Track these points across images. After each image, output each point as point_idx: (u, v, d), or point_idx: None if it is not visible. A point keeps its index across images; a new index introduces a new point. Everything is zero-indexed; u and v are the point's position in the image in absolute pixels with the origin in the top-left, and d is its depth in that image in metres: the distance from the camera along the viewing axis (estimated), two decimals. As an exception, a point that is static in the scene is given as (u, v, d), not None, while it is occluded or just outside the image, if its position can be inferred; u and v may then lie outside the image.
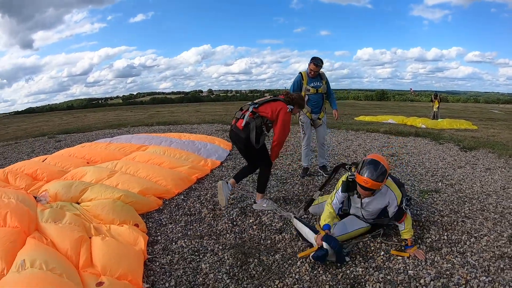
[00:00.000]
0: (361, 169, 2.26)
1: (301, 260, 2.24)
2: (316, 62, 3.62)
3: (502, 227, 2.74)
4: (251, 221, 2.83)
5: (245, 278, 2.07)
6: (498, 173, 4.33)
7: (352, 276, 2.09)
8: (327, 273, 2.11)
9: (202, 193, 3.53)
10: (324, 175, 4.07)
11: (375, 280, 2.05)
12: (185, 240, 2.54)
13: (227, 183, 2.99)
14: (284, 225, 2.74)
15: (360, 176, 2.24)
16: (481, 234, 2.62)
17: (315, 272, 2.12)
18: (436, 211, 3.07)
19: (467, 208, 3.13)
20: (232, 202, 3.25)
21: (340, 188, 2.47)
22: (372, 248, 2.40)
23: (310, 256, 2.19)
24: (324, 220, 2.37)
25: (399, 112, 17.50)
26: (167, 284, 2.03)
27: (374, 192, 2.34)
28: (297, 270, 2.14)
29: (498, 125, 12.97)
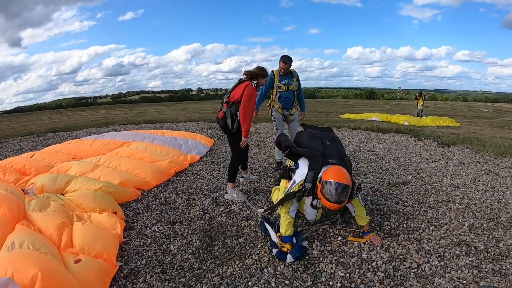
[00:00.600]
0: (324, 190, 2.19)
1: (261, 243, 2.51)
2: (284, 59, 3.89)
3: (465, 217, 2.93)
4: (221, 209, 3.10)
5: (209, 258, 2.33)
6: (472, 167, 4.59)
7: (307, 257, 2.32)
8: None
9: (179, 185, 3.79)
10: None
11: (328, 261, 2.26)
12: (158, 226, 2.80)
13: (243, 177, 3.77)
14: (251, 213, 3.01)
15: (325, 200, 2.20)
16: (441, 223, 2.79)
17: (273, 254, 2.37)
18: (400, 201, 3.28)
19: (432, 199, 3.33)
20: (205, 193, 3.51)
21: (296, 199, 2.40)
22: (331, 234, 2.62)
23: (274, 253, 2.35)
24: (285, 230, 2.42)
25: (387, 110, 17.97)
26: (138, 263, 2.28)
27: None
28: (257, 252, 2.40)
29: (482, 122, 13.42)
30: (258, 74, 3.32)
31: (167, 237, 2.61)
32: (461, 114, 20.13)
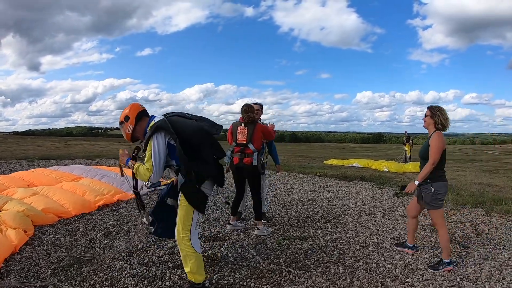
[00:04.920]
0: None
1: (106, 271, 3.38)
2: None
3: (333, 282, 2.98)
4: (106, 241, 4.05)
5: (62, 275, 3.19)
6: None
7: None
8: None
9: (94, 218, 4.86)
10: (263, 221, 4.61)
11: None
12: (49, 246, 3.84)
13: (231, 224, 4.47)
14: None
15: None
16: (286, 279, 3.01)
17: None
18: (273, 256, 3.52)
19: (316, 259, 3.43)
20: (107, 227, 4.54)
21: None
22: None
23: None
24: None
25: (384, 156, 18.68)
26: (14, 268, 3.27)
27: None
28: (103, 275, 3.23)
29: (473, 166, 13.97)
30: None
31: (47, 255, 3.62)
32: (461, 157, 20.58)
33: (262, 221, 4.67)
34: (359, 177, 8.84)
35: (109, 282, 3.06)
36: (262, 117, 4.84)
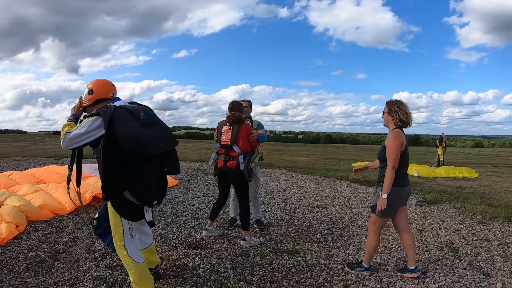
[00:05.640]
0: None
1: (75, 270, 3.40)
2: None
3: None
4: (88, 241, 4.07)
5: (33, 270, 3.27)
6: (430, 236, 4.22)
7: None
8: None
9: (85, 215, 4.93)
10: (257, 229, 4.52)
11: None
12: (34, 241, 3.96)
13: (208, 229, 4.25)
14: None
15: None
16: None
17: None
18: (246, 272, 3.20)
19: (295, 281, 3.03)
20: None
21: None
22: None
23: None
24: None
25: (418, 159, 18.15)
26: None
27: None
28: (75, 274, 3.23)
29: (511, 172, 12.88)
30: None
31: (29, 250, 3.73)
32: (499, 161, 19.16)
33: (256, 229, 4.51)
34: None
35: (71, 282, 3.06)
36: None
